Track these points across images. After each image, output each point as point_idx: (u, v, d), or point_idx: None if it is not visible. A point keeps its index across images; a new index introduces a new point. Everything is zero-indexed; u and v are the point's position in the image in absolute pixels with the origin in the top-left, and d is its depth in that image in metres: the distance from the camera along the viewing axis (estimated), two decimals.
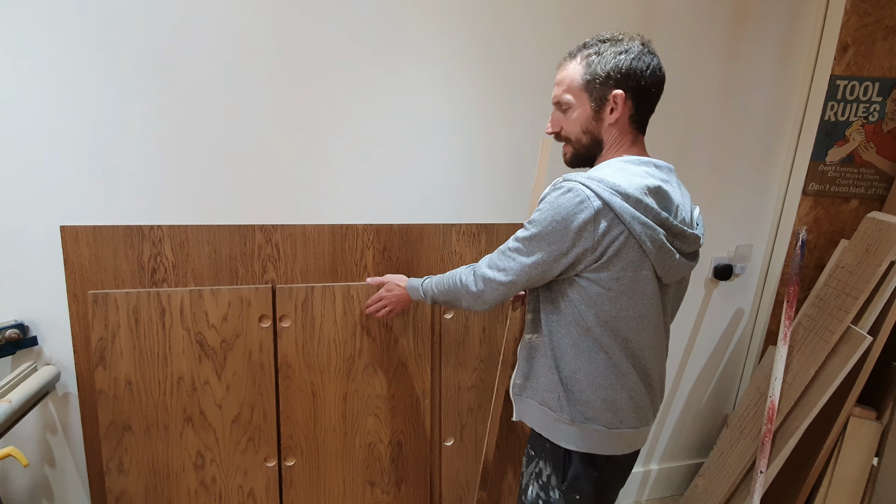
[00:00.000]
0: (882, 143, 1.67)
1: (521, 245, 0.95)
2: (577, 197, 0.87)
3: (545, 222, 0.90)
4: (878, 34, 1.59)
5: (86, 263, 1.30)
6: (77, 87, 1.24)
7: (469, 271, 1.05)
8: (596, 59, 0.93)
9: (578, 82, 0.95)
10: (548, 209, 0.90)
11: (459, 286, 1.05)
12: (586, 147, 0.99)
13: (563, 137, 1.02)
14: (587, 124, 0.97)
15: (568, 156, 1.04)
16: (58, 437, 1.41)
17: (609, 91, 0.93)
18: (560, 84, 0.98)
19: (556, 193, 0.90)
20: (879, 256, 1.44)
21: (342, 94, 1.40)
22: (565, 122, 1.00)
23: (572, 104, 0.97)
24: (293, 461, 1.45)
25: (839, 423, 1.48)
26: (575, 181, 0.89)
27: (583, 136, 0.98)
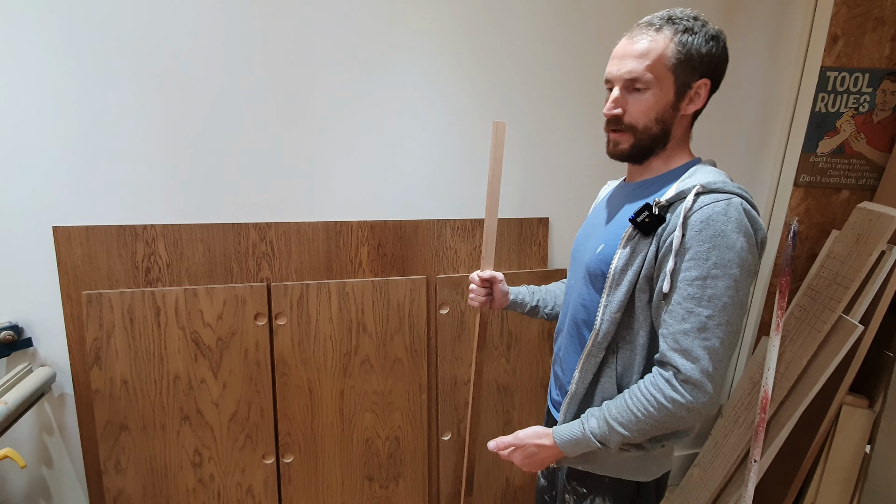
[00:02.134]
0: (872, 134, 1.68)
1: (734, 296, 0.74)
2: (750, 212, 0.76)
3: (743, 254, 0.74)
4: (868, 25, 1.60)
5: (79, 264, 1.29)
6: (69, 87, 1.23)
7: (653, 391, 0.77)
8: (690, 38, 0.79)
9: (668, 61, 0.80)
10: (735, 236, 0.73)
11: (665, 412, 0.76)
12: (652, 139, 0.84)
13: (625, 124, 0.84)
14: (664, 112, 0.82)
15: (624, 146, 0.86)
16: (54, 438, 1.41)
17: (695, 78, 0.81)
18: (642, 58, 0.80)
19: (734, 214, 0.74)
20: (870, 246, 1.46)
21: (335, 91, 1.40)
22: (634, 105, 0.83)
23: (651, 85, 0.81)
24: (291, 458, 1.46)
25: (832, 412, 1.50)
26: (732, 193, 0.76)
27: (654, 125, 0.83)
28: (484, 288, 1.10)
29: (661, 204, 0.79)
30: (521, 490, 1.71)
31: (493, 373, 1.61)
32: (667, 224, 0.78)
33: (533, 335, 1.62)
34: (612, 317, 0.83)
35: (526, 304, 1.13)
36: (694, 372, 0.74)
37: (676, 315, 0.76)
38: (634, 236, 0.81)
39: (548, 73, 1.54)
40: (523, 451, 0.89)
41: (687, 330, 0.74)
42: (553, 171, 1.62)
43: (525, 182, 1.60)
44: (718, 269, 0.73)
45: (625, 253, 0.81)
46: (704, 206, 0.74)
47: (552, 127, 1.58)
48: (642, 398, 0.77)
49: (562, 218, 1.65)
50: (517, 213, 1.61)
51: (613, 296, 0.82)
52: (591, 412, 0.83)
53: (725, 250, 0.73)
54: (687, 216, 0.75)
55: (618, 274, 0.82)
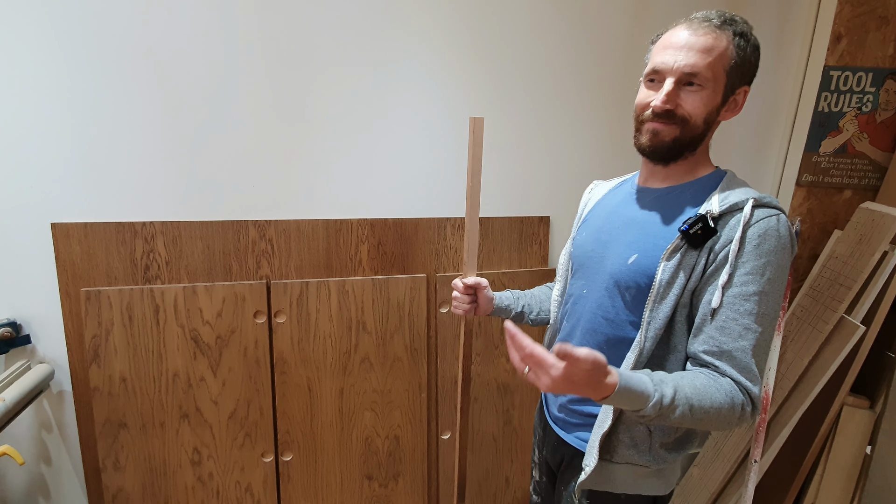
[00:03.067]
0: (875, 134, 1.67)
1: (777, 311, 0.75)
2: (791, 230, 0.76)
3: (784, 272, 0.75)
4: (871, 24, 1.59)
5: (77, 261, 1.29)
6: (67, 84, 1.22)
7: (732, 392, 0.72)
8: (745, 43, 0.78)
9: (728, 63, 0.78)
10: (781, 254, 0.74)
11: (731, 416, 0.73)
12: (692, 139, 0.81)
13: (678, 117, 0.80)
14: (710, 113, 0.80)
15: (666, 138, 0.81)
16: (53, 436, 1.41)
17: (740, 85, 0.80)
18: (705, 54, 0.77)
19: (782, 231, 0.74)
20: (872, 246, 1.45)
21: (335, 88, 1.39)
22: (688, 101, 0.79)
23: (708, 83, 0.78)
24: (290, 456, 1.45)
25: (833, 412, 1.49)
26: (779, 210, 0.76)
27: (702, 124, 0.80)
28: (468, 295, 1.05)
29: (713, 215, 0.76)
30: (521, 490, 1.71)
31: (493, 372, 1.60)
32: (719, 236, 0.75)
33: (533, 334, 1.62)
34: (656, 334, 0.78)
35: (511, 309, 1.09)
36: (755, 390, 0.73)
37: (732, 332, 0.73)
38: (681, 248, 0.77)
39: (548, 72, 1.53)
40: (577, 369, 0.63)
41: (745, 348, 0.73)
42: (554, 170, 1.61)
43: (526, 181, 1.59)
44: (771, 286, 0.73)
45: (670, 265, 0.77)
46: (761, 219, 0.73)
47: (553, 125, 1.58)
48: (720, 390, 0.71)
49: (563, 217, 1.65)
50: (518, 211, 1.61)
51: (658, 311, 0.78)
52: (662, 378, 0.71)
53: (777, 267, 0.73)
54: (745, 229, 0.73)
55: (663, 287, 0.77)
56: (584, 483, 0.85)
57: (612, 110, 1.59)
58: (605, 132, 1.60)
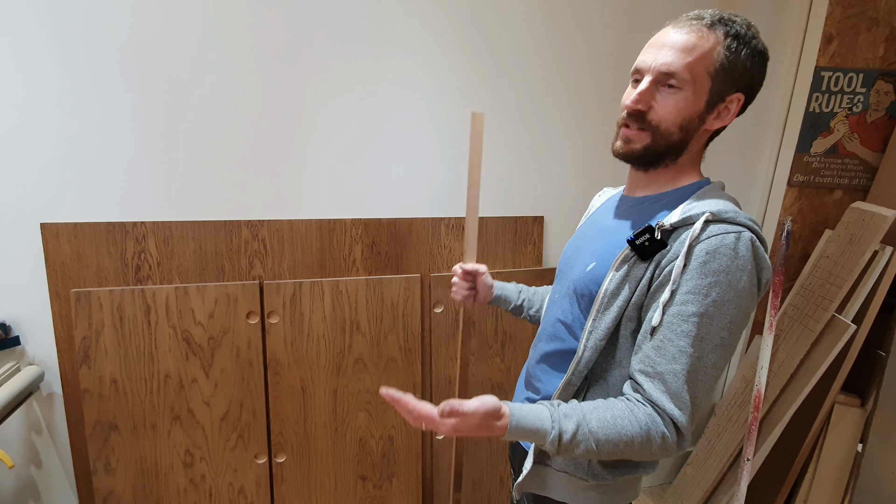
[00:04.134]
0: (865, 134, 1.69)
1: (727, 339, 0.69)
2: (759, 249, 0.69)
3: (744, 294, 0.68)
4: (862, 25, 1.60)
5: (67, 261, 1.28)
6: (57, 83, 1.21)
7: (648, 423, 0.69)
8: (739, 46, 0.71)
9: (712, 65, 0.71)
10: (739, 274, 0.67)
11: (648, 445, 0.69)
12: (669, 146, 0.76)
13: (647, 121, 0.75)
14: (689, 120, 0.73)
15: (636, 147, 0.77)
16: (43, 438, 1.39)
17: (731, 91, 0.73)
18: (684, 52, 0.71)
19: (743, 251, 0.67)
20: (863, 246, 1.46)
21: (328, 87, 1.38)
22: (662, 104, 0.73)
23: (686, 84, 0.72)
24: (283, 458, 1.44)
25: (824, 411, 1.50)
26: (744, 226, 0.69)
27: (676, 131, 0.74)
28: (467, 281, 1.07)
29: (664, 227, 0.71)
30: None
31: (488, 372, 1.60)
32: (668, 250, 0.71)
33: (527, 334, 1.62)
34: (596, 344, 0.75)
35: (510, 301, 1.10)
36: (681, 418, 0.68)
37: (666, 353, 0.69)
38: (630, 259, 0.73)
39: (543, 72, 1.53)
40: (465, 422, 0.67)
41: (677, 372, 0.68)
42: (548, 170, 1.61)
43: (520, 180, 1.60)
44: (716, 308, 0.67)
45: (617, 276, 0.74)
46: (713, 236, 0.67)
47: (548, 125, 1.58)
48: (633, 422, 0.68)
49: (557, 217, 1.65)
50: (512, 211, 1.61)
51: (600, 321, 0.75)
52: (566, 412, 0.70)
53: (728, 290, 0.67)
54: (692, 245, 0.68)
55: (607, 298, 0.74)
56: (523, 484, 0.85)
57: (607, 110, 1.59)
58: (599, 132, 1.60)
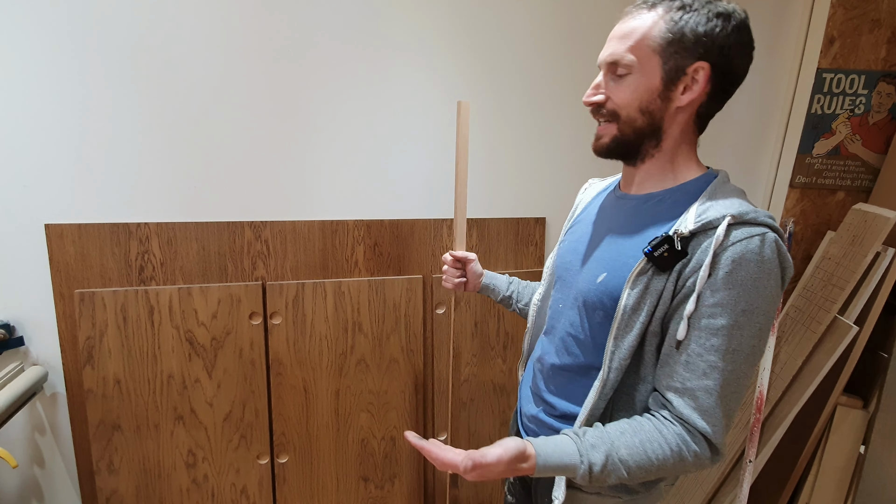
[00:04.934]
0: (868, 136, 1.69)
1: (756, 345, 0.66)
2: (782, 249, 0.66)
3: (771, 302, 0.65)
4: (864, 27, 1.60)
5: (71, 262, 1.28)
6: (61, 84, 1.22)
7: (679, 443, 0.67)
8: (686, 15, 0.68)
9: (654, 41, 0.69)
10: (766, 280, 0.64)
11: (681, 464, 0.67)
12: (637, 132, 0.73)
13: (608, 112, 0.74)
14: (649, 101, 0.71)
15: (606, 140, 0.75)
16: (46, 438, 1.40)
17: (690, 61, 0.69)
18: (624, 38, 0.71)
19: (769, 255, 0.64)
20: (865, 247, 1.46)
21: (331, 88, 1.39)
22: (617, 92, 0.72)
23: (634, 68, 0.70)
24: (286, 458, 1.45)
25: (826, 413, 1.50)
26: (766, 226, 0.65)
27: (638, 115, 0.72)
28: (456, 269, 1.08)
29: (682, 235, 0.67)
30: None
31: (490, 373, 1.60)
32: (689, 259, 0.66)
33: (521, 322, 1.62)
34: (621, 364, 0.72)
35: (499, 291, 1.09)
36: (714, 435, 0.66)
37: (696, 368, 0.66)
38: (647, 271, 0.69)
39: (544, 72, 1.54)
40: (489, 471, 0.67)
41: (710, 388, 0.65)
42: (550, 171, 1.61)
43: (522, 182, 1.60)
44: (746, 318, 0.64)
45: (635, 291, 0.69)
46: (737, 241, 0.63)
47: (549, 126, 1.58)
48: (663, 444, 0.66)
49: (559, 218, 1.65)
50: (514, 212, 1.61)
51: (622, 340, 0.71)
52: (593, 442, 0.67)
53: (757, 297, 0.64)
54: (717, 252, 0.64)
55: (627, 315, 0.70)
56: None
57: None
58: None
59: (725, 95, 0.73)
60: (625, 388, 0.74)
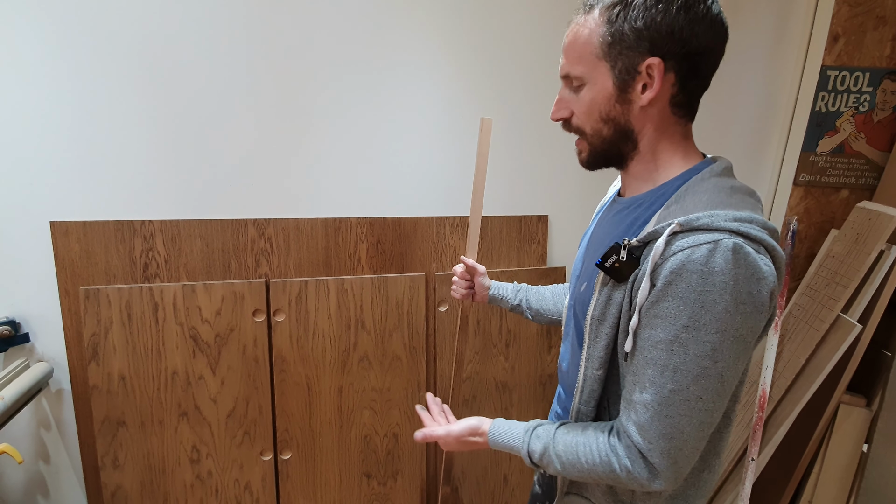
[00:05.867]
0: (872, 134, 1.68)
1: (709, 367, 0.60)
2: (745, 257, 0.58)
3: (728, 317, 0.58)
4: (869, 24, 1.59)
5: (76, 259, 1.29)
6: (66, 81, 1.22)
7: (609, 453, 0.66)
8: (620, 12, 0.64)
9: (595, 47, 0.66)
10: (719, 293, 0.57)
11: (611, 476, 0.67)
12: (608, 142, 0.70)
13: (574, 129, 0.73)
14: (608, 109, 0.68)
15: (584, 155, 0.75)
16: (52, 434, 1.41)
17: (639, 59, 0.64)
18: (570, 49, 0.69)
19: (720, 263, 0.57)
20: (869, 245, 1.46)
21: (335, 86, 1.39)
22: (576, 106, 0.71)
23: (585, 79, 0.68)
24: (289, 454, 1.45)
25: (829, 411, 1.50)
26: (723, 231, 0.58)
27: (602, 126, 0.69)
28: (465, 280, 1.10)
29: (631, 245, 0.64)
30: (519, 488, 1.71)
31: (492, 370, 1.61)
32: (639, 269, 0.63)
33: (532, 333, 1.62)
34: (594, 374, 0.71)
35: (508, 300, 1.09)
36: (651, 453, 0.63)
37: (638, 381, 0.64)
38: (608, 282, 0.68)
39: (547, 70, 1.54)
40: (450, 443, 0.85)
41: (647, 402, 0.62)
42: (552, 169, 1.61)
43: (524, 180, 1.60)
44: (689, 335, 0.59)
45: (601, 301, 0.68)
46: (679, 251, 0.58)
47: (551, 124, 1.57)
48: (593, 450, 0.68)
49: (561, 216, 1.65)
50: (516, 210, 1.61)
51: (594, 349, 0.70)
52: (539, 432, 0.75)
53: (703, 312, 0.58)
54: (658, 264, 0.60)
55: (595, 325, 0.69)
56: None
57: None
58: None
59: (700, 76, 0.67)
60: (611, 396, 0.73)
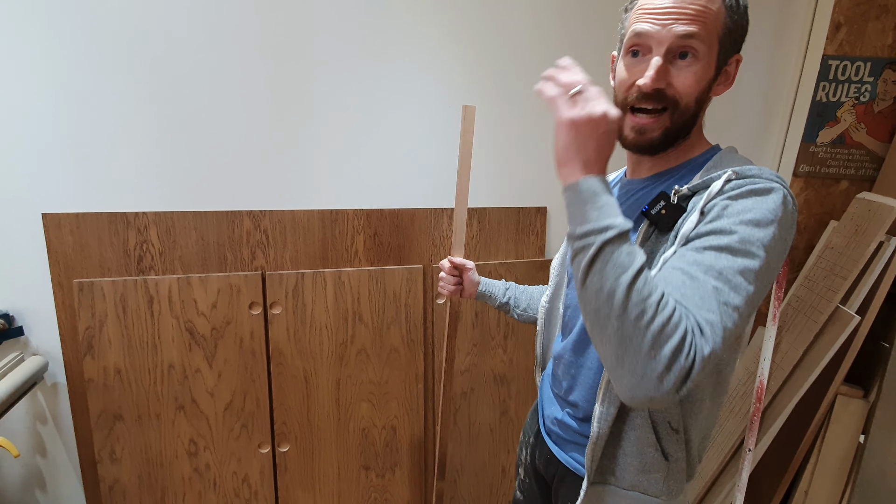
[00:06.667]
0: (872, 124, 1.67)
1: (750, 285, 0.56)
2: (789, 205, 0.60)
3: (773, 244, 0.58)
4: (871, 13, 1.58)
5: (70, 251, 1.27)
6: (59, 72, 1.20)
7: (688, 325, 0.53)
8: (737, 5, 0.65)
9: (720, 28, 0.64)
10: (770, 219, 0.58)
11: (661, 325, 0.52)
12: (685, 123, 0.68)
13: (669, 98, 0.66)
14: (704, 90, 0.67)
15: (656, 133, 0.68)
16: (48, 427, 1.40)
17: (733, 52, 0.67)
18: (698, 17, 0.63)
19: (774, 199, 0.59)
20: (868, 237, 1.45)
21: (330, 77, 1.37)
22: (680, 78, 0.65)
23: (703, 54, 0.64)
24: (287, 447, 1.45)
25: (826, 402, 1.50)
26: (771, 180, 0.61)
27: (694, 104, 0.67)
28: (453, 276, 1.07)
29: (681, 192, 0.64)
30: None
31: (490, 363, 1.60)
32: (687, 214, 0.63)
33: (530, 326, 1.61)
34: None
35: (496, 297, 1.08)
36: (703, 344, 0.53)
37: (673, 281, 0.56)
38: (651, 234, 0.66)
39: (545, 61, 1.51)
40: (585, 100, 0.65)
41: (687, 295, 0.55)
42: (551, 160, 1.59)
43: (523, 171, 1.58)
44: (742, 245, 0.56)
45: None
46: (736, 188, 0.61)
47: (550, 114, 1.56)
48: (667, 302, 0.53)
49: (560, 207, 1.64)
50: (515, 202, 1.60)
51: None
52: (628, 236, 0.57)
53: (754, 229, 0.57)
54: (711, 198, 0.60)
55: None
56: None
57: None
58: None
59: None
60: None
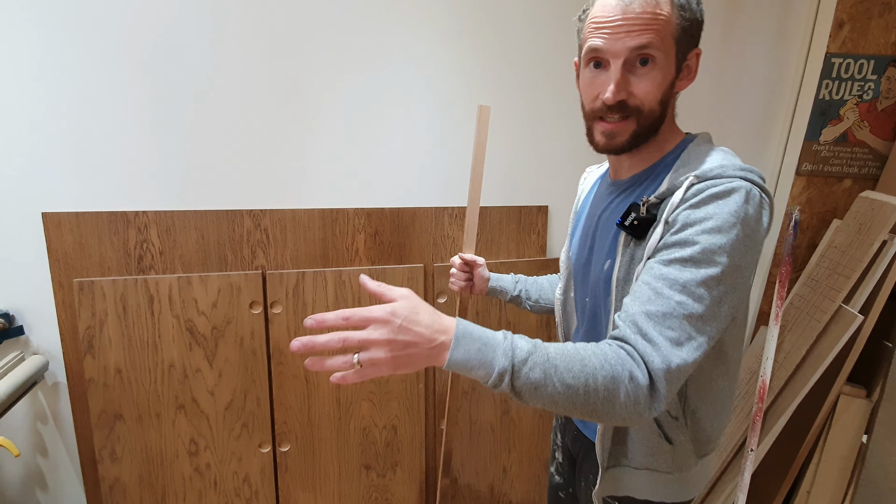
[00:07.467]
0: (876, 122, 1.66)
1: (714, 291, 0.60)
2: (755, 199, 0.62)
3: (736, 245, 0.60)
4: (874, 10, 1.57)
5: (70, 251, 1.27)
6: (59, 72, 1.20)
7: (620, 365, 0.57)
8: (687, 2, 0.66)
9: (674, 28, 0.65)
10: (732, 222, 0.60)
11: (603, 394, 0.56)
12: (652, 125, 0.70)
13: (631, 108, 0.68)
14: (666, 91, 0.68)
15: (623, 138, 0.70)
16: (49, 427, 1.40)
17: (691, 47, 0.69)
18: (648, 25, 0.64)
19: (735, 200, 0.61)
20: (871, 236, 1.44)
21: (331, 76, 1.37)
22: (640, 86, 0.67)
23: (661, 58, 0.65)
24: (288, 446, 1.45)
25: (829, 402, 1.50)
26: (734, 177, 0.63)
27: (658, 107, 0.69)
28: (464, 272, 1.09)
29: (649, 202, 0.68)
30: (518, 479, 1.71)
31: None
32: (657, 223, 0.66)
33: (531, 324, 1.61)
34: None
35: (507, 292, 1.10)
36: (656, 361, 0.57)
37: (641, 296, 0.61)
38: (629, 242, 0.70)
39: (547, 60, 1.51)
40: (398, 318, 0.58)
41: (651, 313, 0.59)
42: (552, 159, 1.59)
43: (524, 170, 1.58)
44: (703, 255, 0.60)
45: (624, 262, 0.71)
46: (698, 193, 0.63)
47: (550, 114, 1.56)
48: (599, 357, 0.57)
49: (561, 206, 1.63)
50: (516, 201, 1.59)
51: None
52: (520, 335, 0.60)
53: (717, 235, 0.60)
54: (674, 209, 0.63)
55: (621, 284, 0.71)
56: (600, 491, 0.80)
57: None
58: None
59: None
60: None
